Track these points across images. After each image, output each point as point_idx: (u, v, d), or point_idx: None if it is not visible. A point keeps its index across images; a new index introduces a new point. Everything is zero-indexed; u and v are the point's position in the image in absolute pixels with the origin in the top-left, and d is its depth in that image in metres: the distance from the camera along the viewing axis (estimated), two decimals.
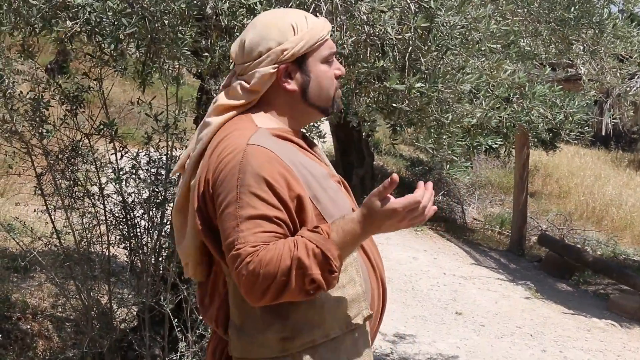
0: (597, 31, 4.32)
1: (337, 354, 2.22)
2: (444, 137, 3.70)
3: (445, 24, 3.49)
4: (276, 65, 2.29)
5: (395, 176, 2.01)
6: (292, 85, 2.33)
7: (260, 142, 2.19)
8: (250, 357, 2.24)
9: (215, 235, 2.22)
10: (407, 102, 3.59)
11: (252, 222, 2.08)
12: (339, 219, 2.15)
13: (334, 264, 2.05)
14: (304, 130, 2.68)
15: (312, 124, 4.40)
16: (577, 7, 4.23)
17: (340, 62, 2.56)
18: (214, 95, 3.76)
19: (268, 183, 2.11)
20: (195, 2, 3.55)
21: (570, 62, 4.98)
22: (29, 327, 5.43)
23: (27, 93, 4.26)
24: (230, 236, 2.10)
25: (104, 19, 3.43)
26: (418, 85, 3.45)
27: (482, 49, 3.68)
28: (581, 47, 4.52)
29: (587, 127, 4.28)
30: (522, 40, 4.32)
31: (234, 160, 2.16)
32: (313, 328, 2.19)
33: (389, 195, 2.07)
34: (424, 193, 2.06)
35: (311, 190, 2.21)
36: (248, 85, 2.32)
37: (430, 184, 2.10)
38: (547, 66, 4.37)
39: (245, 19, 3.48)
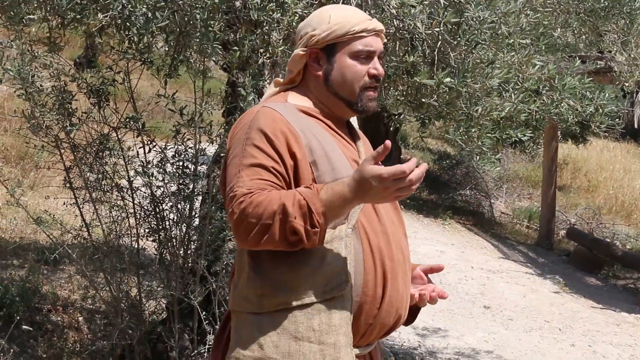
0: (627, 21, 4.29)
1: (311, 320, 2.27)
2: (474, 129, 3.69)
3: (474, 19, 3.48)
4: (306, 49, 2.47)
5: (388, 142, 2.09)
6: (318, 71, 2.49)
7: (274, 107, 2.39)
8: (237, 309, 2.38)
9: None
10: (435, 96, 3.59)
11: (252, 169, 2.26)
12: (334, 181, 2.25)
13: (316, 218, 2.14)
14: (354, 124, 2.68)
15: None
16: None
17: None
18: (242, 88, 3.77)
19: (268, 137, 2.28)
20: None
21: (600, 54, 4.94)
22: (59, 319, 5.47)
23: (54, 87, 4.26)
24: (232, 181, 2.27)
25: (137, 12, 3.45)
26: (447, 80, 3.45)
27: (512, 43, 3.66)
28: (614, 37, 4.48)
29: (617, 119, 4.25)
30: (552, 32, 4.29)
31: (246, 119, 2.39)
32: (288, 290, 2.28)
33: (379, 162, 2.14)
34: (413, 167, 2.08)
35: (313, 155, 2.33)
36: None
37: (424, 165, 2.13)
38: (577, 58, 4.33)
39: (275, 13, 3.49)
